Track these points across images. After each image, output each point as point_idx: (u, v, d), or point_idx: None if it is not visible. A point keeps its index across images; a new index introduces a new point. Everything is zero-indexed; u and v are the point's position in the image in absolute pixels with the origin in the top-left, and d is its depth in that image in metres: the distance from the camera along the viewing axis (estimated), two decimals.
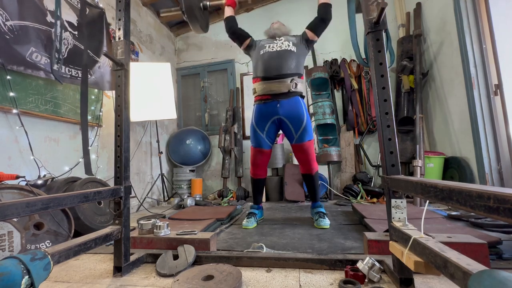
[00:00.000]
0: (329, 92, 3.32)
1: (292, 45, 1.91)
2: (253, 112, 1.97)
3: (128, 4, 1.23)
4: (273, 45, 1.93)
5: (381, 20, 0.92)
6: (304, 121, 1.85)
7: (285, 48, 1.89)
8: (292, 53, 1.89)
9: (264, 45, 1.96)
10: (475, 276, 0.52)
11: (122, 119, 1.16)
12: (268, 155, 1.98)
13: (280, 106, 1.85)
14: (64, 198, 0.84)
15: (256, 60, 1.96)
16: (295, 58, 1.89)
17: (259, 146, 1.95)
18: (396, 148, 0.91)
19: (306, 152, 1.89)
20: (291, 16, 3.80)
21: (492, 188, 0.46)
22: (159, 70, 2.93)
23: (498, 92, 2.14)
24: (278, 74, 1.84)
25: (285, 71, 1.84)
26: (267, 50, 1.92)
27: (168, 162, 3.73)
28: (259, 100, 1.93)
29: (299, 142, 1.88)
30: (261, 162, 1.98)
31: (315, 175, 1.95)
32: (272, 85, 1.84)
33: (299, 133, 1.86)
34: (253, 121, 1.95)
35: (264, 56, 1.91)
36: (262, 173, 2.03)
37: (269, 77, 1.85)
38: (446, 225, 1.48)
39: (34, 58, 1.78)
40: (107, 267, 1.19)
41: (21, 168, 1.76)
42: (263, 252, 1.24)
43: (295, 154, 1.96)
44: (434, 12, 2.76)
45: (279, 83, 1.83)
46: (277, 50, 1.89)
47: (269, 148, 1.97)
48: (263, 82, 1.87)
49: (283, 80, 1.83)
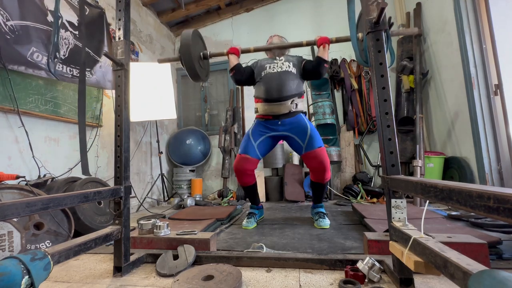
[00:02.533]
0: (329, 92, 3.32)
1: (292, 66, 1.92)
2: (252, 125, 1.99)
3: (128, 4, 1.23)
4: (273, 65, 1.93)
5: (381, 20, 0.92)
6: (308, 129, 1.85)
7: (285, 69, 1.90)
8: (292, 74, 1.90)
9: (264, 66, 1.96)
10: (475, 276, 0.52)
11: (122, 119, 1.16)
12: (253, 163, 1.89)
13: (281, 124, 1.88)
14: (64, 198, 0.84)
15: (257, 80, 1.96)
16: (295, 79, 1.90)
17: (245, 153, 1.88)
18: (396, 148, 0.91)
19: (319, 159, 1.79)
20: (291, 16, 3.80)
21: (492, 188, 0.46)
22: (159, 70, 2.93)
23: (498, 92, 2.14)
24: (279, 97, 1.86)
25: (286, 94, 1.85)
26: (268, 72, 1.92)
27: (168, 162, 3.73)
28: (260, 118, 1.96)
29: (309, 149, 1.82)
30: (246, 170, 1.88)
31: (325, 184, 1.91)
32: (274, 107, 1.87)
33: (307, 141, 1.84)
34: (249, 131, 1.96)
35: (265, 78, 1.91)
36: (250, 180, 1.95)
37: (271, 100, 1.88)
38: (446, 225, 1.48)
39: (35, 58, 1.78)
40: (107, 267, 1.19)
41: (21, 168, 1.76)
42: (263, 252, 1.24)
43: (307, 165, 1.87)
44: (434, 12, 2.76)
45: (280, 105, 1.86)
46: (277, 72, 1.90)
47: (256, 158, 1.90)
48: (264, 104, 1.90)
49: (284, 102, 1.86)
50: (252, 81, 2.00)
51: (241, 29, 3.98)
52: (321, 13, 3.69)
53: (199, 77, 1.64)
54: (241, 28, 3.98)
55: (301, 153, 1.89)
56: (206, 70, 1.84)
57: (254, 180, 1.99)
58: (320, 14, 3.69)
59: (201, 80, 1.71)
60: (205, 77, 1.78)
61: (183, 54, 1.55)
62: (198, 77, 1.64)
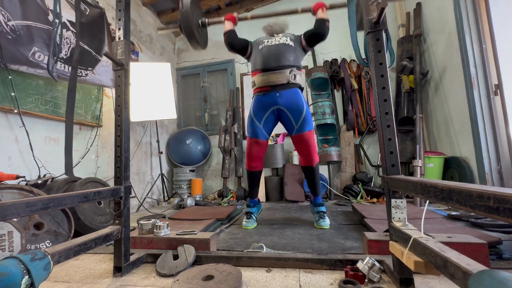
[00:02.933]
0: (329, 92, 3.32)
1: (289, 40, 1.93)
2: (252, 104, 1.97)
3: (128, 4, 1.23)
4: (271, 40, 1.95)
5: (381, 20, 0.92)
6: (303, 110, 1.85)
7: (283, 42, 1.91)
8: (290, 46, 1.90)
9: (262, 41, 1.98)
10: (475, 276, 0.52)
11: (122, 119, 1.16)
12: (264, 146, 1.95)
13: (279, 96, 1.85)
14: (64, 198, 0.84)
15: (255, 55, 1.97)
16: (293, 51, 1.90)
17: (256, 136, 1.92)
18: (396, 148, 0.91)
19: (307, 142, 1.86)
20: (291, 16, 3.80)
21: (492, 188, 0.46)
22: (159, 70, 2.93)
23: (498, 92, 2.14)
24: (277, 66, 1.84)
25: (284, 63, 1.85)
26: (266, 45, 1.94)
27: (168, 162, 3.73)
28: (258, 92, 1.93)
29: (299, 132, 1.86)
30: (257, 153, 1.94)
31: (315, 167, 1.92)
32: (271, 76, 1.85)
33: (299, 123, 1.85)
34: (251, 112, 1.95)
35: (262, 50, 1.92)
36: (258, 165, 1.98)
37: (268, 69, 1.86)
38: (446, 225, 1.48)
39: (37, 57, 1.78)
40: (107, 267, 1.19)
41: (21, 168, 1.76)
42: (263, 252, 1.24)
43: (295, 146, 1.94)
44: (434, 12, 2.76)
45: (278, 74, 1.84)
46: (275, 44, 1.91)
47: (266, 140, 1.94)
48: (262, 74, 1.88)
49: (282, 71, 1.84)
50: (245, 50, 2.00)
51: (241, 29, 3.96)
52: None
53: (198, 43, 1.71)
54: (241, 28, 3.96)
55: (291, 134, 1.91)
56: (204, 38, 1.91)
57: (262, 166, 2.02)
58: None
59: (199, 46, 1.78)
60: (203, 44, 1.85)
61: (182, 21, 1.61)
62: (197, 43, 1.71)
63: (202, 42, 1.82)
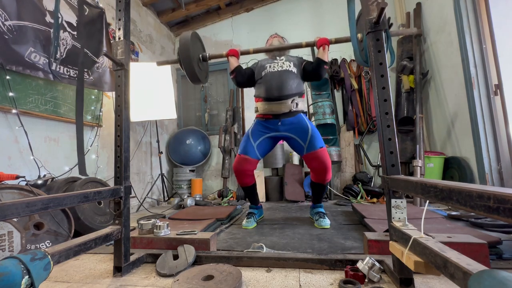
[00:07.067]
0: (329, 92, 3.32)
1: (292, 65, 1.92)
2: (252, 125, 1.98)
3: (128, 4, 1.23)
4: (273, 65, 1.93)
5: (381, 20, 0.92)
6: (309, 129, 1.84)
7: (286, 68, 1.89)
8: (292, 73, 1.89)
9: (264, 66, 1.95)
10: (475, 276, 0.52)
11: (122, 119, 1.16)
12: (253, 164, 1.89)
13: (281, 124, 1.87)
14: (64, 198, 0.84)
15: (257, 80, 1.96)
16: (296, 78, 1.89)
17: (245, 153, 1.87)
18: (396, 148, 0.91)
19: (321, 159, 1.78)
20: (291, 16, 3.80)
21: (492, 188, 0.46)
22: (159, 70, 2.93)
23: (498, 92, 2.14)
24: (279, 96, 1.85)
25: (286, 92, 1.85)
26: (269, 71, 1.92)
27: (168, 162, 3.73)
28: (260, 118, 1.95)
29: (311, 150, 1.81)
30: (247, 171, 1.88)
31: (326, 185, 1.90)
32: (274, 106, 1.86)
33: (308, 142, 1.82)
34: (249, 131, 1.95)
35: (266, 77, 1.91)
36: (249, 181, 1.94)
37: (271, 98, 1.87)
38: (446, 225, 1.48)
39: (33, 58, 1.78)
40: (107, 267, 1.19)
41: (21, 168, 1.76)
42: (263, 252, 1.24)
43: (307, 165, 1.86)
44: (434, 12, 2.76)
45: (280, 104, 1.85)
46: (278, 70, 1.90)
47: (255, 158, 1.89)
48: (265, 103, 1.89)
49: (284, 101, 1.85)
50: (253, 82, 1.99)
51: (241, 29, 3.98)
52: (321, 13, 3.69)
53: (199, 79, 1.64)
54: (241, 28, 3.98)
55: (302, 154, 1.87)
56: (205, 71, 1.83)
57: (254, 180, 1.98)
58: (320, 14, 3.69)
59: (200, 83, 1.69)
60: (204, 79, 1.77)
61: (182, 58, 1.54)
62: (198, 80, 1.63)
63: (203, 77, 1.73)
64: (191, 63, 1.54)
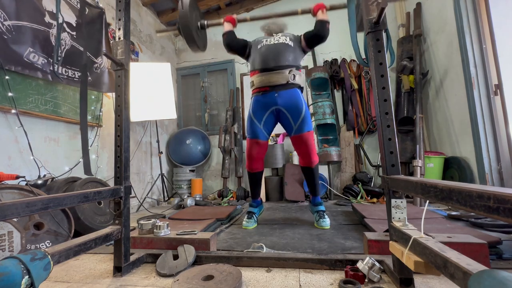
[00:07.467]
0: (329, 92, 3.32)
1: (289, 39, 1.91)
2: (251, 104, 1.95)
3: (128, 4, 1.23)
4: (270, 39, 1.94)
5: (381, 20, 0.92)
6: (302, 111, 1.84)
7: (282, 41, 1.90)
8: (289, 46, 1.88)
9: (261, 40, 1.97)
10: (475, 276, 0.52)
11: (122, 119, 1.16)
12: (264, 147, 1.94)
13: (278, 96, 1.83)
14: (64, 198, 0.84)
15: (253, 55, 1.95)
16: (293, 51, 1.88)
17: (256, 137, 1.90)
18: (396, 148, 0.91)
19: (306, 143, 1.85)
20: (291, 16, 3.79)
21: (492, 188, 0.46)
22: (159, 70, 2.93)
23: (498, 92, 2.14)
24: (276, 65, 1.82)
25: (283, 63, 1.82)
26: (265, 44, 1.92)
27: (168, 162, 3.73)
28: (257, 92, 1.91)
29: (298, 133, 1.85)
30: (257, 154, 1.92)
31: (315, 168, 1.91)
32: (271, 77, 1.83)
33: (298, 124, 1.84)
34: (251, 112, 1.92)
35: (261, 50, 1.90)
36: (259, 166, 1.97)
37: (267, 69, 1.84)
38: (446, 225, 1.48)
39: (32, 58, 1.77)
40: (107, 267, 1.19)
41: (21, 168, 1.76)
42: (263, 252, 1.24)
43: (294, 147, 1.92)
44: (434, 12, 2.76)
45: (277, 74, 1.82)
46: (274, 43, 1.90)
47: (266, 140, 1.93)
48: (261, 74, 1.85)
49: (281, 71, 1.82)
50: (243, 50, 1.98)
51: (241, 29, 3.96)
52: None
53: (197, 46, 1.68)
54: (241, 28, 3.96)
55: (290, 134, 1.90)
56: (203, 40, 1.88)
57: (262, 167, 2.01)
58: None
59: (198, 49, 1.74)
60: (202, 47, 1.82)
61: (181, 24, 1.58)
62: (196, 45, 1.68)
63: (201, 45, 1.79)
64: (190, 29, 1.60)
